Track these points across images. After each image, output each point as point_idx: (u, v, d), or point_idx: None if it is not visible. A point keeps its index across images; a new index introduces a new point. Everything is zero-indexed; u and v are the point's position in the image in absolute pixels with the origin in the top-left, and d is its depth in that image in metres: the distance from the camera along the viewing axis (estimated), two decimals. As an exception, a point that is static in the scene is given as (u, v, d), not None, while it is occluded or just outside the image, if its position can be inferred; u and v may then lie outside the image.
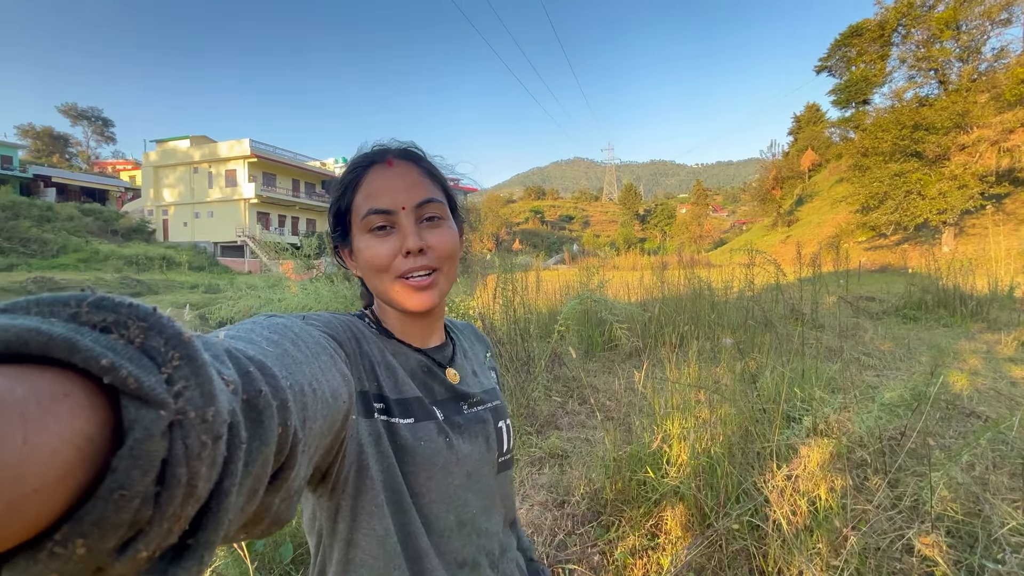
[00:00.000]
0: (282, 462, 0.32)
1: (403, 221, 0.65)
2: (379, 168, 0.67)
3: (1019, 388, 3.37)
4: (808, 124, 53.25)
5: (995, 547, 1.63)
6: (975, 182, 19.05)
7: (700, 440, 2.16)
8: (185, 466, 0.20)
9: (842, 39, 34.18)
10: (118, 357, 0.20)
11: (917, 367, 3.96)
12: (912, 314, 6.38)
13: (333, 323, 0.62)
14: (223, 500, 0.23)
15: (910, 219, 20.34)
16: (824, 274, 6.55)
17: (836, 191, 35.69)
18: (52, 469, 0.17)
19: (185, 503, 0.21)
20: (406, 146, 0.71)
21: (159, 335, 0.22)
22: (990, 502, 1.81)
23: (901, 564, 1.61)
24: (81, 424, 0.19)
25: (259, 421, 0.27)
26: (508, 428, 0.77)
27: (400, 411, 0.64)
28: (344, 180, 0.69)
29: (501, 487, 0.74)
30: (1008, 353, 4.40)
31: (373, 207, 0.65)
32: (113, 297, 0.22)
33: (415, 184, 0.67)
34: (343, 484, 0.59)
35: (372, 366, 0.64)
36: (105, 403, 0.20)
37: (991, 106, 19.41)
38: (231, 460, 0.24)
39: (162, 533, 0.20)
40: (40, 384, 0.18)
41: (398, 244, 0.65)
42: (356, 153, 0.71)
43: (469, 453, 0.68)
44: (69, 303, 0.21)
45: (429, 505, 0.63)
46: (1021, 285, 6.18)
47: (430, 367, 0.71)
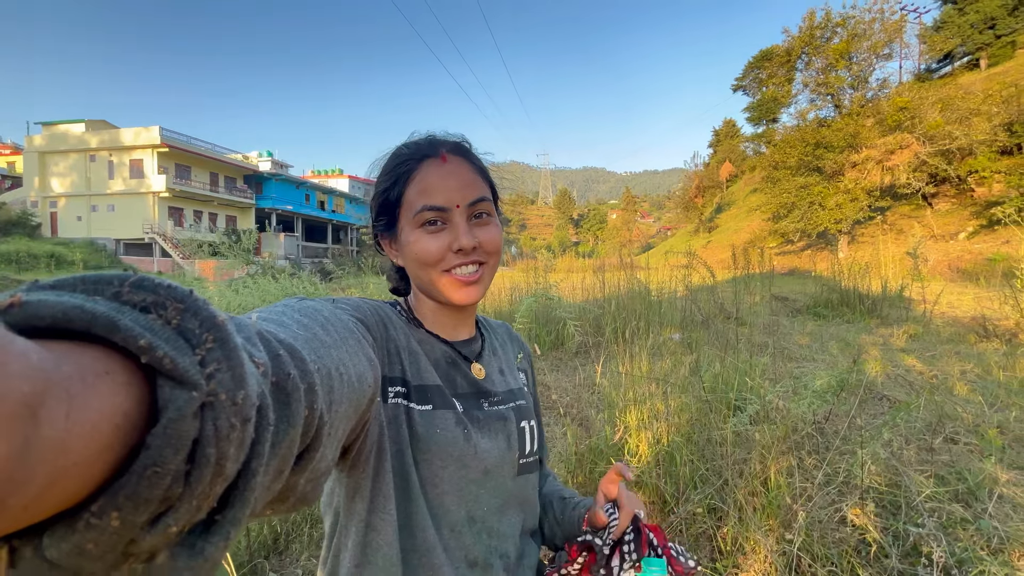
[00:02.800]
0: (308, 444, 0.32)
1: (456, 219, 0.66)
2: (432, 163, 0.67)
3: (913, 374, 3.85)
4: (726, 138, 57.63)
5: (914, 512, 1.84)
6: (864, 196, 21.55)
7: (658, 431, 2.26)
8: (215, 446, 0.21)
9: (755, 62, 37.38)
10: (155, 337, 0.20)
11: (830, 358, 4.40)
12: (821, 312, 7.09)
13: (363, 307, 0.62)
14: (250, 479, 0.24)
15: (813, 227, 22.59)
16: (745, 276, 7.11)
17: (751, 200, 38.90)
18: (92, 444, 0.18)
19: (214, 482, 0.21)
20: (458, 141, 0.71)
21: (194, 317, 0.22)
22: (907, 474, 2.05)
23: (839, 534, 1.77)
24: (120, 401, 0.19)
25: (287, 404, 0.28)
26: (532, 429, 0.75)
27: (418, 397, 0.64)
28: (395, 171, 0.68)
29: (520, 490, 0.72)
30: (900, 345, 5.01)
31: (428, 204, 0.65)
32: (153, 278, 0.22)
33: (468, 183, 0.67)
34: (363, 464, 0.59)
35: (397, 350, 0.65)
36: (142, 381, 0.20)
37: (876, 129, 22.05)
38: (259, 441, 0.24)
39: (191, 509, 0.21)
40: (84, 361, 0.19)
41: (449, 240, 0.65)
42: (404, 142, 0.71)
43: (488, 449, 0.67)
44: (112, 282, 0.22)
45: (440, 496, 0.63)
46: (908, 286, 7.07)
47: (455, 359, 0.71)
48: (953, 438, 2.56)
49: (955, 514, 1.86)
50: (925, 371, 3.88)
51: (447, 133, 0.72)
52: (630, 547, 0.68)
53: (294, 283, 3.51)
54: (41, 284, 0.21)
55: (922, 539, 1.70)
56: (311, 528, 2.20)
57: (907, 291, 7.09)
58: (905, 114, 20.54)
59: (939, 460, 2.28)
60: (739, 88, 40.35)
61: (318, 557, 2.13)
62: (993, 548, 1.69)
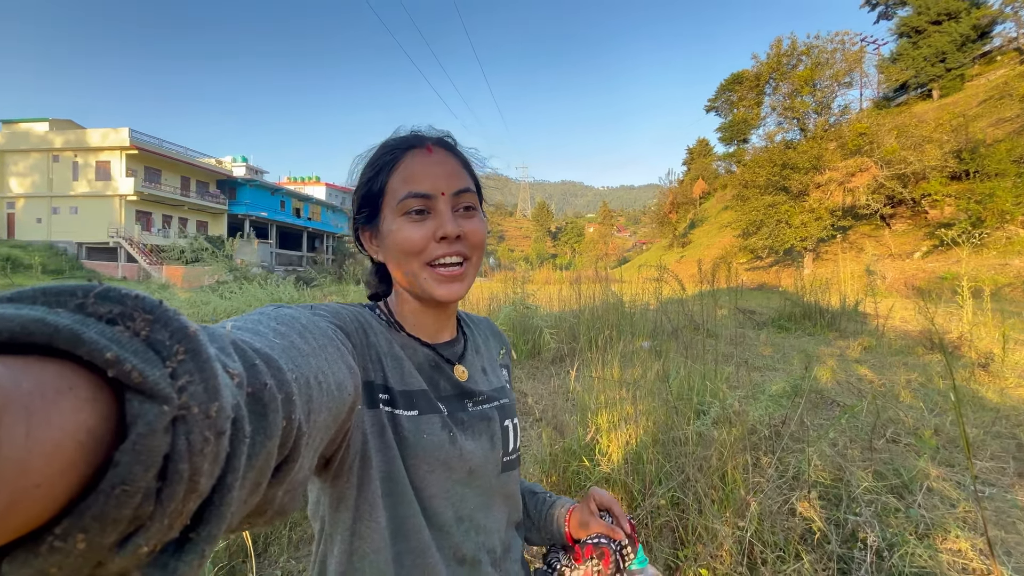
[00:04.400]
0: (286, 455, 0.31)
1: (441, 207, 0.65)
2: (418, 153, 0.66)
3: (863, 382, 4.12)
4: (699, 156, 59.49)
5: (854, 503, 2.03)
6: (827, 215, 22.56)
7: (627, 432, 2.41)
8: (187, 462, 0.20)
9: (726, 84, 38.88)
10: (123, 350, 0.20)
11: (790, 368, 4.66)
12: (784, 324, 7.44)
13: (341, 313, 0.61)
14: (226, 495, 0.23)
15: (780, 244, 23.48)
16: (715, 290, 7.42)
17: (722, 217, 40.15)
18: (54, 463, 0.17)
19: (187, 498, 0.21)
20: (443, 135, 0.71)
21: (164, 328, 0.22)
22: (849, 469, 2.25)
23: (788, 524, 1.95)
24: (84, 418, 0.19)
25: (263, 415, 0.27)
26: (515, 427, 0.76)
27: (404, 403, 0.63)
28: (378, 162, 0.68)
29: (504, 486, 0.73)
30: (855, 356, 5.33)
31: (412, 191, 0.64)
32: (120, 288, 0.22)
33: (454, 173, 0.67)
34: (347, 473, 0.59)
35: (379, 357, 0.64)
36: (109, 396, 0.20)
37: (838, 153, 23.19)
38: (234, 455, 0.24)
39: (163, 528, 0.20)
40: (45, 377, 0.18)
41: (433, 229, 0.64)
42: (391, 136, 0.70)
43: (473, 450, 0.67)
44: (76, 293, 0.21)
45: (429, 499, 0.63)
46: (864, 301, 7.49)
47: (438, 362, 0.71)
48: (894, 439, 2.79)
49: (889, 504, 2.06)
50: (875, 380, 4.16)
51: (432, 128, 0.72)
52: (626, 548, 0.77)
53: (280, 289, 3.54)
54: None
55: (859, 526, 1.89)
56: (290, 531, 2.26)
57: (863, 306, 7.51)
58: (864, 139, 21.70)
59: (879, 458, 2.51)
60: (712, 109, 41.85)
61: (297, 559, 2.19)
62: (920, 533, 1.90)
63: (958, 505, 2.09)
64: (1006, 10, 26.38)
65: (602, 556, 0.75)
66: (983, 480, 2.32)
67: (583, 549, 0.76)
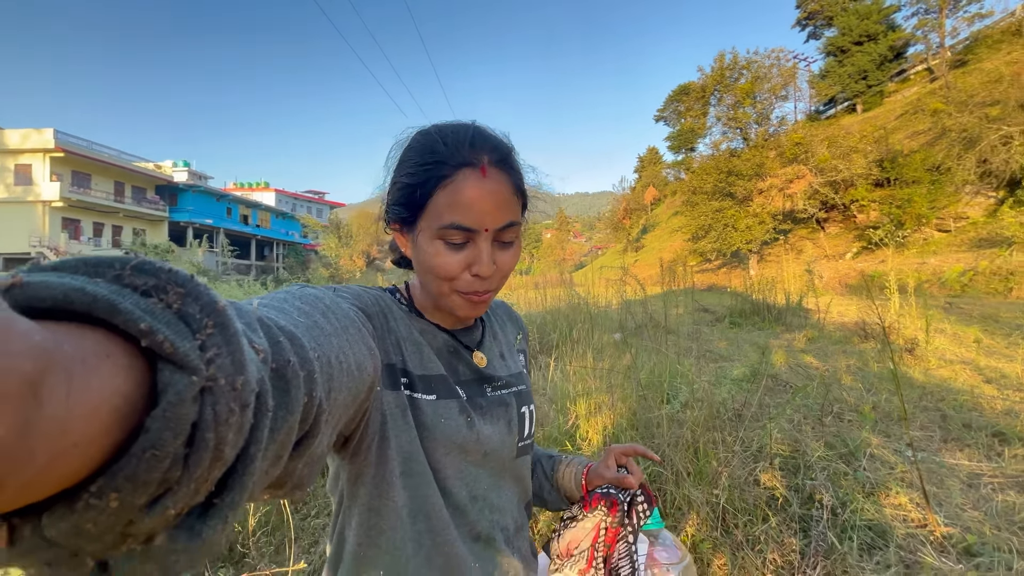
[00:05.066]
0: (306, 430, 0.32)
1: (481, 243, 0.62)
2: (471, 175, 0.60)
3: (810, 368, 4.48)
4: (650, 164, 61.70)
5: (810, 471, 2.25)
6: (769, 219, 24.02)
7: (604, 417, 2.55)
8: (213, 431, 0.21)
9: (674, 95, 40.67)
10: (156, 321, 0.20)
11: (744, 358, 4.99)
12: (736, 320, 7.90)
13: (363, 296, 0.62)
14: (248, 464, 0.24)
15: (727, 247, 24.75)
16: (671, 291, 7.80)
17: (673, 222, 41.80)
18: (92, 425, 0.18)
19: (212, 466, 0.22)
20: (502, 146, 0.65)
21: (195, 301, 0.22)
22: (804, 442, 2.48)
23: (755, 492, 2.13)
24: (120, 384, 0.19)
25: (286, 390, 0.28)
26: (531, 413, 0.77)
27: (423, 387, 0.64)
28: (427, 169, 0.62)
29: (516, 469, 0.74)
30: (800, 346, 5.76)
31: (456, 222, 0.60)
32: (155, 262, 0.23)
33: (503, 203, 0.62)
34: (365, 452, 0.60)
35: (398, 341, 0.65)
36: (142, 364, 0.21)
37: (777, 161, 24.77)
38: (257, 427, 0.24)
39: (190, 492, 0.21)
40: (85, 343, 0.19)
41: (468, 261, 0.62)
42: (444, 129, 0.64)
43: (490, 435, 0.68)
44: (114, 265, 0.22)
45: (443, 480, 0.64)
46: (805, 298, 8.08)
47: (456, 348, 0.71)
48: (839, 415, 3.08)
49: (839, 470, 2.29)
50: (819, 366, 4.54)
51: (490, 132, 0.66)
52: (641, 504, 0.78)
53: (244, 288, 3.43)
54: (42, 266, 0.21)
55: (815, 489, 2.10)
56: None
57: (805, 302, 8.09)
58: (800, 148, 23.32)
59: (828, 431, 2.77)
60: (661, 119, 43.64)
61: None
62: (866, 492, 2.13)
63: (896, 467, 2.36)
64: (917, 33, 29.14)
65: (611, 506, 0.75)
66: (915, 446, 2.61)
67: (591, 497, 0.78)
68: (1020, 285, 11.28)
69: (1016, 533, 1.85)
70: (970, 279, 12.76)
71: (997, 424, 2.85)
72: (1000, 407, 3.17)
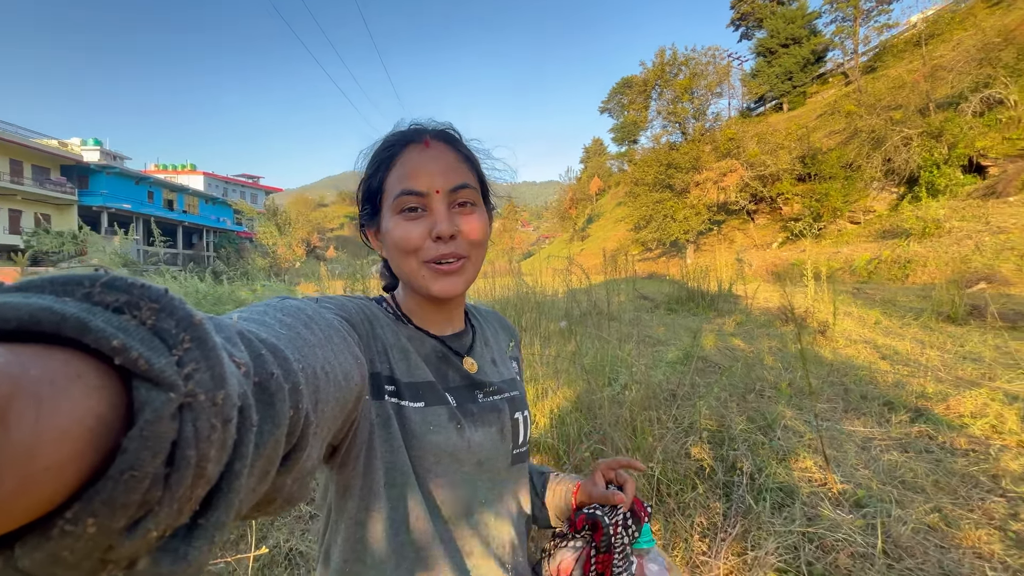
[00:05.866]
0: (294, 444, 0.32)
1: (436, 205, 0.64)
2: (415, 148, 0.65)
3: (737, 350, 4.88)
4: (595, 155, 63.05)
5: (733, 442, 2.49)
6: (705, 210, 25.39)
7: (551, 401, 2.68)
8: (195, 448, 0.21)
9: (618, 87, 41.72)
10: (129, 338, 0.20)
11: (680, 343, 5.34)
12: (673, 307, 8.38)
13: (347, 306, 0.61)
14: (233, 481, 0.23)
15: (667, 237, 25.94)
16: (614, 280, 8.15)
17: (616, 212, 43.13)
18: (63, 449, 0.18)
19: (195, 484, 0.21)
20: (443, 127, 0.69)
21: (170, 316, 0.22)
22: (729, 417, 2.74)
23: (686, 463, 2.34)
24: (93, 404, 0.19)
25: (270, 404, 0.28)
26: (525, 419, 0.75)
27: (411, 394, 0.63)
28: (377, 158, 0.67)
29: (515, 479, 0.73)
30: (730, 330, 6.23)
31: (406, 188, 0.63)
32: (126, 278, 0.22)
33: (451, 168, 0.65)
34: (353, 462, 0.59)
35: (385, 348, 0.64)
36: (117, 384, 0.20)
37: (712, 155, 26.17)
38: (241, 443, 0.24)
39: (172, 513, 0.20)
40: (53, 364, 0.18)
41: (428, 227, 0.64)
42: (391, 131, 0.69)
43: (481, 442, 0.66)
44: (83, 283, 0.21)
45: (436, 491, 0.62)
46: (734, 285, 8.70)
47: (445, 354, 0.70)
48: (760, 392, 3.40)
49: (758, 440, 2.56)
50: (745, 347, 4.94)
51: (433, 120, 0.70)
52: (628, 523, 0.75)
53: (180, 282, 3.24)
54: (6, 287, 0.21)
55: (737, 459, 2.34)
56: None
57: (735, 289, 8.71)
58: (733, 144, 24.73)
59: (750, 407, 3.06)
60: (605, 110, 44.67)
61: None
62: (779, 458, 2.40)
63: (805, 436, 2.66)
64: (835, 39, 31.54)
65: (594, 529, 0.72)
66: (822, 417, 2.96)
67: (577, 517, 0.75)
68: (915, 272, 12.66)
69: (896, 487, 2.17)
70: (875, 267, 14.15)
71: (887, 395, 3.27)
72: (891, 380, 3.62)
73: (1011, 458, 2.32)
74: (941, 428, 2.70)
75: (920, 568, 1.69)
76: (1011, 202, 13.73)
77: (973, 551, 1.76)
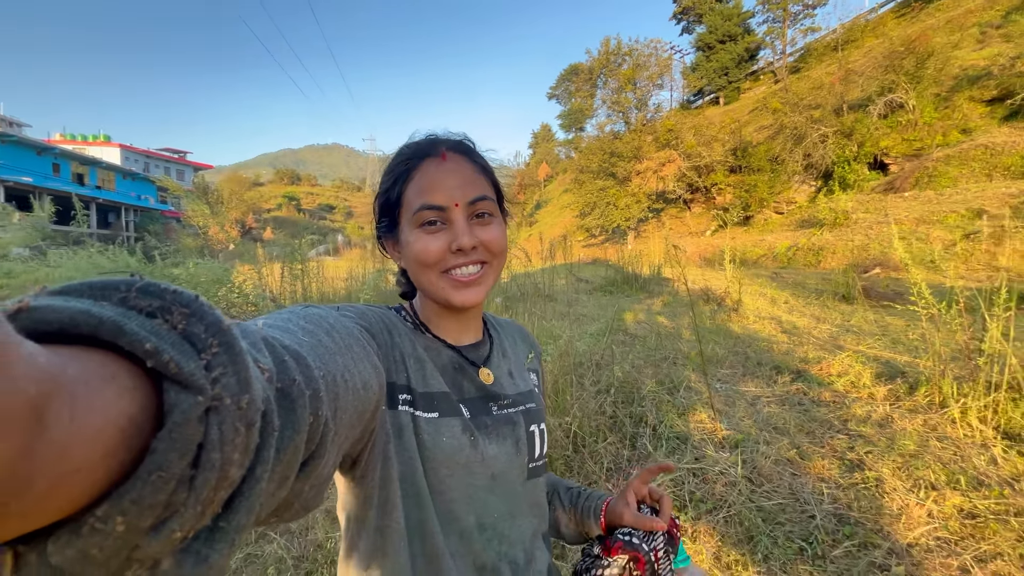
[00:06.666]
0: (312, 451, 0.32)
1: (455, 218, 0.64)
2: (432, 161, 0.66)
3: (660, 326, 5.34)
4: (543, 141, 63.51)
5: (643, 401, 2.84)
6: (645, 199, 26.48)
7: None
8: (219, 451, 0.21)
9: (565, 74, 42.14)
10: (161, 342, 0.21)
11: (607, 319, 5.75)
12: (609, 289, 8.87)
13: (367, 314, 0.62)
14: (255, 485, 0.24)
15: (609, 224, 26.87)
16: (557, 265, 8.51)
17: (563, 199, 43.90)
18: (96, 448, 0.18)
19: (218, 487, 0.22)
20: (459, 138, 0.71)
21: (200, 322, 0.23)
22: (640, 380, 3.09)
23: (600, 419, 2.66)
24: (125, 405, 0.19)
25: (292, 410, 0.28)
26: (542, 433, 0.74)
27: (425, 405, 0.63)
28: (394, 171, 0.68)
29: (531, 494, 0.71)
30: (657, 308, 6.75)
31: (426, 203, 0.64)
32: (159, 283, 0.23)
33: (468, 180, 0.66)
34: (371, 473, 0.59)
35: (402, 357, 0.64)
36: (148, 386, 0.21)
37: (653, 145, 27.22)
38: (263, 447, 0.24)
39: (196, 515, 0.21)
40: (90, 365, 0.19)
41: (449, 240, 0.64)
42: (407, 141, 0.70)
43: (496, 455, 0.66)
44: (119, 288, 0.22)
45: (448, 504, 0.62)
46: (663, 268, 9.32)
47: (461, 364, 0.70)
48: (674, 360, 3.82)
49: (664, 399, 2.93)
50: (668, 323, 5.41)
51: (448, 132, 0.71)
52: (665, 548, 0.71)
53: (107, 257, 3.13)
54: (49, 290, 0.21)
55: (644, 414, 2.68)
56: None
57: (665, 273, 9.33)
58: (671, 135, 25.85)
59: (662, 372, 3.45)
60: (553, 96, 45.07)
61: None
62: (680, 413, 2.77)
63: (703, 395, 3.06)
64: (766, 39, 33.48)
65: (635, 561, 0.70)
66: (721, 380, 3.39)
67: (613, 543, 0.72)
68: (826, 258, 13.98)
69: (770, 432, 2.59)
70: (793, 253, 15.47)
71: (778, 361, 3.78)
72: (783, 349, 4.16)
73: (860, 406, 2.81)
74: (813, 385, 3.20)
75: (775, 490, 2.08)
76: (906, 196, 15.40)
77: (817, 476, 2.18)
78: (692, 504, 2.05)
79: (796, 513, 1.96)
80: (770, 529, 1.88)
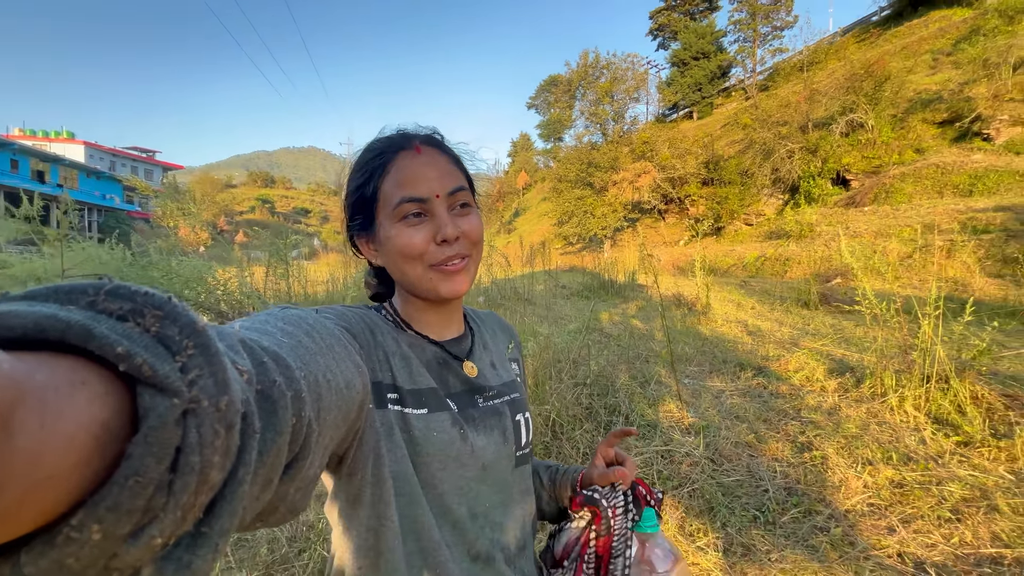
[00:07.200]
0: (296, 452, 0.32)
1: (437, 209, 0.64)
2: (407, 154, 0.66)
3: (634, 328, 5.59)
4: (522, 149, 64.13)
5: (617, 392, 3.05)
6: (621, 208, 27.10)
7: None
8: (199, 454, 0.21)
9: (544, 85, 42.82)
10: (133, 345, 0.20)
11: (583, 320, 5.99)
12: (586, 295, 9.14)
13: (347, 315, 0.62)
14: (237, 489, 0.23)
15: (587, 232, 27.37)
16: (536, 271, 8.75)
17: (541, 207, 44.37)
18: (68, 455, 0.18)
19: (199, 491, 0.21)
20: (430, 132, 0.71)
21: (174, 324, 0.22)
22: (615, 374, 3.30)
23: (576, 409, 2.84)
24: (97, 411, 0.19)
25: (273, 411, 0.28)
26: (527, 421, 0.75)
27: (413, 401, 0.63)
28: (368, 165, 0.67)
29: (520, 482, 0.73)
30: (632, 312, 7.02)
31: (407, 195, 0.63)
32: (130, 286, 0.22)
33: (445, 172, 0.66)
34: (360, 471, 0.59)
35: (386, 356, 0.64)
36: (121, 390, 0.20)
37: (629, 156, 27.94)
38: (245, 449, 0.24)
39: (176, 520, 0.20)
40: (58, 371, 0.18)
41: (432, 232, 0.64)
42: (375, 137, 0.70)
43: (484, 446, 0.67)
44: (87, 291, 0.21)
45: (441, 496, 0.63)
46: (637, 275, 9.66)
47: (446, 359, 0.70)
48: (647, 359, 4.05)
49: (636, 391, 3.14)
50: (642, 326, 5.67)
51: (418, 126, 0.71)
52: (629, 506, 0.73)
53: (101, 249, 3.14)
54: (11, 295, 0.21)
55: (617, 404, 2.88)
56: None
57: (640, 280, 9.67)
58: (647, 147, 26.60)
59: (635, 368, 3.68)
60: (532, 106, 45.73)
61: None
62: (651, 403, 2.99)
63: (672, 388, 3.29)
64: (737, 57, 34.85)
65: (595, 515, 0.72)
66: (689, 376, 3.63)
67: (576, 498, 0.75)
68: (792, 268, 14.60)
69: (732, 420, 2.82)
70: (762, 263, 16.09)
71: (741, 359, 4.05)
72: (747, 349, 4.45)
73: (812, 398, 3.08)
74: (772, 380, 3.47)
75: (734, 469, 2.30)
76: (865, 211, 16.25)
77: (772, 457, 2.41)
78: (660, 481, 2.25)
79: (751, 488, 2.18)
80: (728, 501, 2.10)
